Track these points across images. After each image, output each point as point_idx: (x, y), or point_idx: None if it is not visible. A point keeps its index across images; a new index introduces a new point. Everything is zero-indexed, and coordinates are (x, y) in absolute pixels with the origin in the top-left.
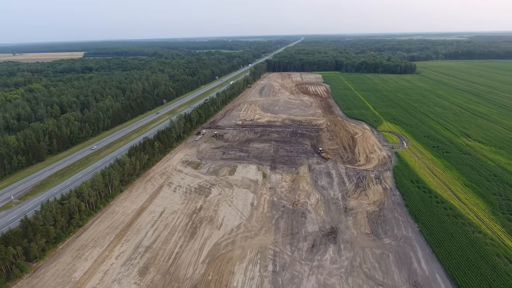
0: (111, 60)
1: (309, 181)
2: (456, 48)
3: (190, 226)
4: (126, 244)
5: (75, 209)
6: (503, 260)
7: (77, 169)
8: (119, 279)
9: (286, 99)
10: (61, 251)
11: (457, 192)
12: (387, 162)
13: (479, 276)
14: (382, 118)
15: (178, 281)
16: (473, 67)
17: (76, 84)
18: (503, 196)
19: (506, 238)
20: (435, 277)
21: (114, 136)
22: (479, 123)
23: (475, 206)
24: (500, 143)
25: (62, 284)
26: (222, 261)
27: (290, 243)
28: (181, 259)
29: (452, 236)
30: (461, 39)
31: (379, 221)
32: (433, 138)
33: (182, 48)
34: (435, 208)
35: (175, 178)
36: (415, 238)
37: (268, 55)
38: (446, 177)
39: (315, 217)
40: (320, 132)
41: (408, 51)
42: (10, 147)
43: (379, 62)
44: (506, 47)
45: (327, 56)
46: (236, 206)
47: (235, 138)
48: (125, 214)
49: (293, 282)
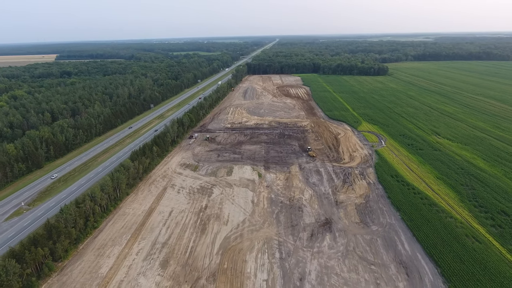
0: (89, 64)
1: (301, 179)
2: (424, 50)
3: (199, 223)
4: (143, 242)
5: (90, 211)
6: (470, 239)
7: (78, 175)
8: (143, 272)
9: (269, 102)
10: (82, 251)
11: (431, 184)
12: (369, 160)
13: (452, 253)
14: (361, 119)
15: (197, 270)
16: (440, 68)
17: (61, 90)
18: (469, 186)
19: (472, 221)
20: (417, 255)
21: (109, 142)
22: (447, 122)
23: (446, 195)
24: (465, 140)
25: (90, 279)
26: (234, 252)
27: (291, 234)
28: (197, 252)
29: (428, 221)
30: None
31: (366, 211)
32: (407, 137)
33: (158, 50)
34: (413, 199)
35: (177, 180)
36: (398, 225)
37: (246, 57)
38: (420, 171)
39: (310, 210)
40: (306, 133)
41: (379, 52)
42: (10, 156)
43: (354, 65)
44: (468, 48)
45: (304, 58)
46: (239, 204)
47: (227, 140)
48: (136, 215)
49: (298, 266)
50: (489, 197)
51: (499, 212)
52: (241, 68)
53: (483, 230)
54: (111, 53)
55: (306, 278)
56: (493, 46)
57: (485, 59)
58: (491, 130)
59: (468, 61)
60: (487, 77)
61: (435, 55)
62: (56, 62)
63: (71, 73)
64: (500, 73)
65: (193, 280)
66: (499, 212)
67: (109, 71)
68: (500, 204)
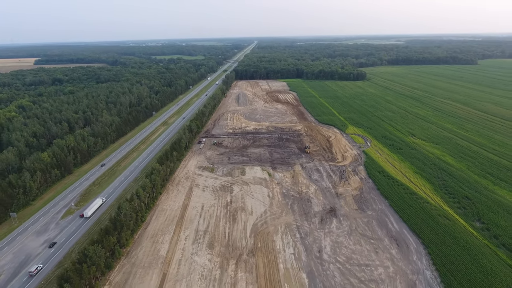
0: (77, 70)
1: (305, 176)
2: (397, 55)
3: (229, 214)
4: (187, 231)
5: (138, 208)
6: (442, 218)
7: (108, 178)
8: (195, 252)
9: (262, 107)
10: (138, 239)
11: (410, 177)
12: (359, 159)
13: (429, 228)
14: (347, 122)
15: (238, 249)
16: (411, 72)
17: (65, 100)
18: (440, 178)
19: (443, 205)
20: (403, 231)
21: (125, 148)
22: (421, 124)
23: (423, 186)
24: (436, 140)
25: (154, 260)
26: (263, 234)
27: (306, 219)
28: (233, 236)
29: (410, 206)
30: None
31: (361, 200)
32: (388, 138)
33: (140, 54)
34: (397, 189)
35: (199, 180)
36: (387, 209)
37: (230, 61)
38: (401, 167)
39: (317, 201)
40: (301, 137)
41: (356, 57)
42: (46, 163)
43: (335, 70)
44: (436, 53)
45: (288, 64)
46: (258, 198)
47: (233, 145)
48: (174, 210)
49: (315, 242)
50: (456, 186)
51: (463, 197)
52: (230, 75)
53: (452, 211)
54: (92, 57)
55: (323, 250)
56: (459, 51)
57: (451, 63)
58: (457, 131)
59: (437, 65)
60: (453, 81)
61: (407, 59)
62: (41, 68)
63: (62, 80)
64: (464, 77)
65: (236, 256)
66: (463, 197)
67: (102, 78)
68: (464, 191)
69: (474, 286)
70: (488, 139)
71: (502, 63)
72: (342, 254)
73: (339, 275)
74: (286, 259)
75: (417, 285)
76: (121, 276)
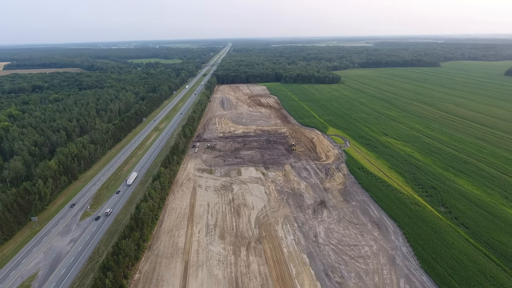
0: (55, 76)
1: (295, 174)
2: (367, 58)
3: (233, 210)
4: (198, 226)
5: (152, 207)
6: (413, 205)
7: (114, 183)
8: (210, 242)
9: (247, 111)
10: (156, 235)
11: (385, 172)
12: (340, 158)
13: (403, 213)
14: (327, 124)
15: (246, 238)
16: (381, 75)
17: (55, 108)
18: (410, 172)
19: (414, 194)
20: (383, 217)
21: (124, 154)
22: (392, 124)
23: (397, 179)
24: (406, 138)
25: (175, 251)
26: (266, 225)
27: (301, 211)
28: (240, 228)
29: (387, 196)
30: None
31: (346, 193)
32: (364, 138)
33: (114, 58)
34: (375, 183)
35: (201, 181)
36: (368, 200)
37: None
38: (377, 164)
39: (308, 195)
40: (287, 139)
41: (330, 60)
42: (54, 170)
43: (311, 74)
44: (403, 56)
45: (266, 68)
46: (256, 195)
47: (225, 148)
48: (183, 208)
49: (311, 229)
50: (424, 178)
51: (430, 187)
52: (211, 79)
53: (421, 199)
54: (65, 61)
55: (318, 235)
56: (423, 53)
57: (417, 66)
58: (423, 130)
59: (404, 68)
60: (419, 83)
61: (377, 62)
62: (16, 75)
63: (42, 87)
64: (428, 79)
65: (246, 244)
66: (430, 187)
67: (84, 84)
68: (430, 182)
69: (441, 257)
70: (449, 137)
71: (462, 65)
72: (334, 238)
73: (333, 254)
74: (288, 244)
75: (395, 259)
76: (149, 265)
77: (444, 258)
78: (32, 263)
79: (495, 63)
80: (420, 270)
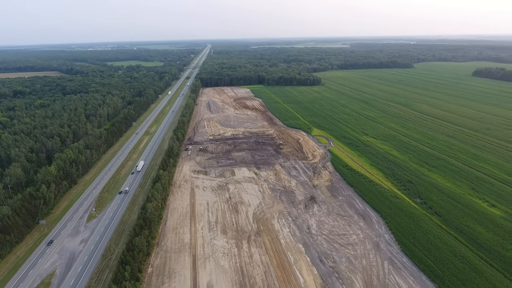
0: (35, 81)
1: (285, 173)
2: (345, 59)
3: (231, 208)
4: (201, 223)
5: (156, 207)
6: (393, 197)
7: (114, 186)
8: (213, 237)
9: (234, 114)
10: (162, 233)
11: (367, 169)
12: (326, 157)
13: (385, 205)
14: (311, 125)
15: (246, 232)
16: (359, 77)
17: (44, 114)
18: (390, 168)
19: (393, 188)
20: (367, 209)
21: (119, 157)
22: (371, 125)
23: (377, 175)
24: (384, 137)
25: (182, 246)
26: (263, 220)
27: (293, 206)
28: (240, 223)
29: (370, 190)
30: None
31: (333, 189)
32: (347, 138)
33: (92, 61)
34: (359, 179)
35: (198, 182)
36: (353, 195)
37: (189, 68)
38: (360, 161)
39: (299, 192)
40: (275, 140)
41: (309, 62)
42: (54, 176)
43: (293, 76)
44: (379, 57)
45: (249, 71)
46: (251, 193)
47: (217, 150)
48: (184, 208)
49: (304, 222)
50: (401, 174)
51: (407, 182)
52: (196, 82)
53: (399, 192)
54: (41, 64)
55: (311, 227)
56: (398, 55)
57: (392, 67)
58: (400, 129)
59: (380, 69)
60: (395, 85)
61: (354, 64)
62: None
63: (24, 92)
64: (403, 81)
65: (246, 237)
66: (407, 182)
67: (68, 89)
68: (407, 177)
69: (418, 241)
70: (423, 135)
71: (433, 66)
72: (325, 229)
73: (325, 243)
74: (285, 236)
75: (379, 244)
76: (159, 260)
77: (421, 242)
78: (48, 263)
79: (463, 64)
80: (401, 253)
